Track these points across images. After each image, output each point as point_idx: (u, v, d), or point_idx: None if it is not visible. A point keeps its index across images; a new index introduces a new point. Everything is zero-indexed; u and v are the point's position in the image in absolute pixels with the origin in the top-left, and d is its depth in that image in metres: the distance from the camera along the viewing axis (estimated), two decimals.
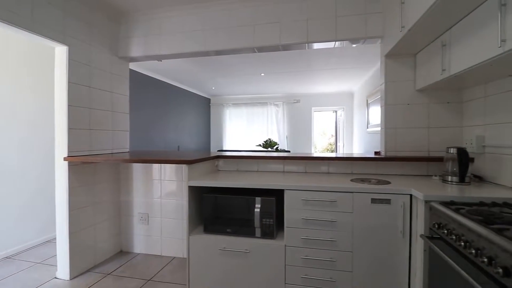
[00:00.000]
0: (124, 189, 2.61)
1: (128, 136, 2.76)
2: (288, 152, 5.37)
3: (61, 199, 2.12)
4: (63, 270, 2.12)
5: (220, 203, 1.88)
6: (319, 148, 9.03)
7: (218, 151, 4.07)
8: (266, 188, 1.76)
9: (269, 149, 6.53)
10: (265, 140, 6.74)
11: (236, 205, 1.85)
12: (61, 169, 2.11)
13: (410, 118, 2.09)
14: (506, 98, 1.53)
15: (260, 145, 6.69)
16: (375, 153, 2.28)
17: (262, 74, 5.32)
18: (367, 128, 5.36)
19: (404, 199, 1.55)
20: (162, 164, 2.50)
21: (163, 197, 2.50)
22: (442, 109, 2.04)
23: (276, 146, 6.76)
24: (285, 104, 7.56)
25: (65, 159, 2.07)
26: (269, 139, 6.76)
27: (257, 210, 1.78)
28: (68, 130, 2.08)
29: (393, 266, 1.58)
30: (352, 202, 1.62)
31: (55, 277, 2.14)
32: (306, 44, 2.31)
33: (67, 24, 2.09)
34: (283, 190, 1.73)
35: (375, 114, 4.72)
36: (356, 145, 6.67)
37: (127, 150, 2.74)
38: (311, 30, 2.23)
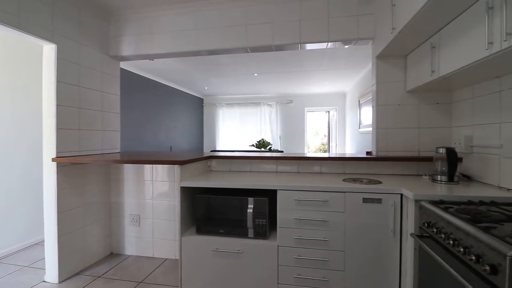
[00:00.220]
0: (115, 190, 2.57)
1: (119, 137, 2.72)
2: (281, 152, 5.38)
3: (49, 201, 2.07)
4: (52, 273, 2.07)
5: (213, 204, 1.87)
6: (312, 148, 9.09)
7: (211, 151, 4.05)
8: (259, 189, 1.76)
9: (262, 149, 6.53)
10: (258, 140, 6.74)
11: (229, 206, 1.84)
12: (49, 170, 2.06)
13: (401, 119, 2.13)
14: (493, 99, 1.57)
15: (253, 145, 6.69)
16: (367, 153, 2.30)
17: (255, 74, 5.32)
18: (359, 128, 5.42)
19: (395, 199, 1.57)
20: (154, 165, 2.47)
21: (155, 198, 2.47)
22: (432, 110, 2.07)
23: (269, 146, 6.78)
24: (278, 104, 7.58)
25: (54, 160, 2.02)
26: (262, 139, 6.76)
27: (250, 211, 1.77)
28: (57, 130, 2.04)
29: (384, 265, 1.60)
30: (344, 202, 1.63)
31: (43, 281, 2.09)
32: (299, 45, 2.32)
33: (56, 22, 2.04)
34: (276, 190, 1.73)
35: (367, 115, 4.78)
36: (349, 145, 6.74)
37: (118, 151, 2.70)
38: (304, 31, 2.24)
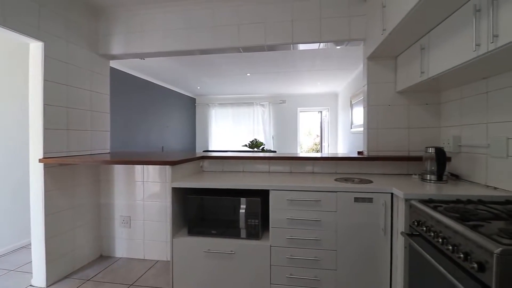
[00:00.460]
0: (105, 192, 2.52)
1: (109, 137, 2.67)
2: (274, 152, 5.39)
3: (36, 203, 2.01)
4: (39, 277, 2.02)
5: (205, 205, 1.85)
6: (305, 148, 9.14)
7: (204, 152, 4.02)
8: (252, 189, 1.75)
9: (255, 149, 6.53)
10: (251, 141, 6.73)
11: (221, 206, 1.83)
12: (36, 171, 2.00)
13: (391, 119, 2.15)
14: (480, 100, 1.60)
15: (246, 146, 6.68)
16: (358, 153, 2.32)
17: (248, 74, 5.31)
18: (351, 129, 5.47)
19: (386, 198, 1.59)
20: (145, 166, 2.43)
21: (146, 199, 2.43)
22: (421, 110, 2.11)
23: (262, 146, 6.78)
24: (271, 105, 7.60)
25: (41, 161, 1.97)
26: (255, 139, 6.76)
27: (242, 211, 1.76)
28: (44, 130, 1.99)
29: (376, 263, 1.62)
30: (336, 202, 1.64)
31: (31, 285, 2.03)
32: (291, 45, 2.33)
33: (43, 19, 1.99)
34: (268, 191, 1.73)
35: (359, 115, 4.83)
36: (341, 145, 6.80)
37: (108, 151, 2.65)
38: (296, 31, 2.24)
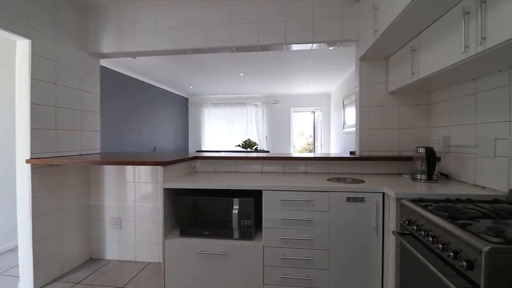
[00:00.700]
0: (95, 193, 2.47)
1: (99, 137, 2.62)
2: (268, 152, 5.39)
3: (23, 205, 1.96)
4: (26, 281, 1.96)
5: (197, 205, 1.83)
6: (298, 148, 9.18)
7: (197, 152, 3.99)
8: (245, 189, 1.74)
9: (248, 150, 6.52)
10: (244, 141, 6.72)
11: (214, 207, 1.82)
12: (23, 172, 1.95)
13: (383, 119, 2.18)
14: (468, 101, 1.63)
15: (239, 146, 6.67)
16: (351, 153, 2.34)
17: (241, 74, 5.30)
18: (344, 129, 5.52)
19: (377, 197, 1.60)
20: (137, 166, 2.39)
21: (138, 200, 2.40)
22: (412, 111, 2.14)
23: (256, 147, 6.77)
24: (265, 105, 7.60)
25: (28, 161, 1.91)
26: (248, 140, 6.75)
27: (235, 212, 1.76)
28: (31, 130, 1.93)
29: (367, 262, 1.63)
30: (329, 201, 1.65)
31: None
32: (284, 45, 2.33)
33: (31, 16, 1.94)
34: (261, 191, 1.72)
35: (351, 115, 4.88)
36: (333, 145, 6.85)
37: (98, 151, 2.60)
38: (289, 31, 2.25)
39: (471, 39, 1.13)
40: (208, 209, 1.83)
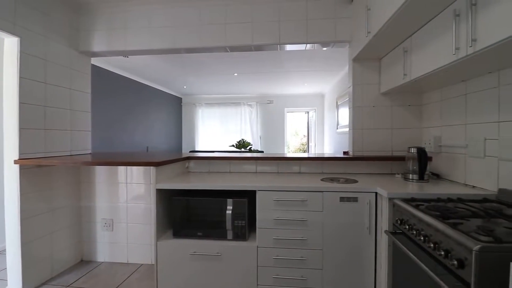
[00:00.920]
0: (86, 194, 2.42)
1: (90, 137, 2.57)
2: (262, 152, 5.40)
3: (11, 206, 1.91)
4: (15, 284, 1.92)
5: (190, 206, 1.82)
6: (292, 148, 9.21)
7: (191, 152, 3.96)
8: (238, 189, 1.74)
9: (243, 150, 6.51)
10: (239, 141, 6.71)
11: (207, 208, 1.80)
12: (11, 173, 1.90)
13: (376, 120, 2.20)
14: (459, 102, 1.66)
15: (234, 146, 6.65)
16: (344, 153, 2.36)
17: (236, 74, 5.29)
18: (337, 129, 5.56)
19: (370, 197, 1.61)
20: (129, 167, 2.36)
21: (130, 201, 2.36)
22: (404, 111, 2.16)
23: (250, 147, 6.77)
24: (259, 105, 7.60)
25: (16, 162, 1.87)
26: (243, 140, 6.74)
27: (229, 212, 1.75)
28: (20, 130, 1.89)
29: (360, 261, 1.64)
30: (322, 201, 1.66)
31: None
32: (278, 45, 2.33)
33: (19, 13, 1.89)
34: (255, 191, 1.72)
35: (344, 115, 4.92)
36: (327, 145, 6.89)
37: (89, 152, 2.56)
38: (283, 32, 2.25)
39: (462, 41, 1.15)
40: (202, 210, 1.81)
